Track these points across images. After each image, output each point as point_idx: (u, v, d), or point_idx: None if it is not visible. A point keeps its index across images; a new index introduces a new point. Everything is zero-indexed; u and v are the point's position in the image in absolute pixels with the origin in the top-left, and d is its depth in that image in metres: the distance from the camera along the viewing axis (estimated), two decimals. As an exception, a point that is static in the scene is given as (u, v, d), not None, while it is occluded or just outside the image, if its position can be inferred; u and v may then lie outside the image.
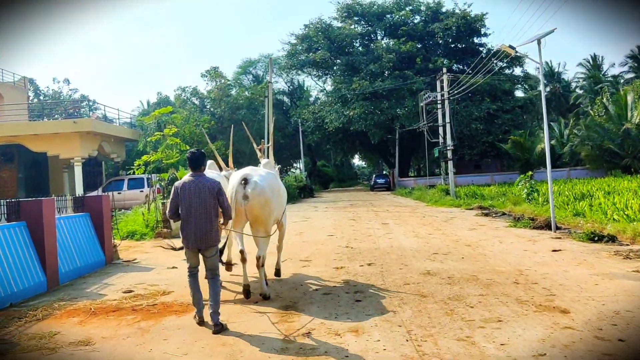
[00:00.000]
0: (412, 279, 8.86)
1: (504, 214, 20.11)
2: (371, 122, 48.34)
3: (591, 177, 41.48)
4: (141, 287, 9.22)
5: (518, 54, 14.67)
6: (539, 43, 14.56)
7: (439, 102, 33.82)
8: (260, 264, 7.83)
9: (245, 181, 7.60)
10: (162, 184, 18.19)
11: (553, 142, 52.86)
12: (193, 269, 6.67)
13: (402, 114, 47.99)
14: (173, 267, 11.01)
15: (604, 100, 49.59)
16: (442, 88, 33.58)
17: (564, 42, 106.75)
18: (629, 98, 45.86)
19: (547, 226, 14.97)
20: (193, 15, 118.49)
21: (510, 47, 14.34)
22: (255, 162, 11.63)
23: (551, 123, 62.55)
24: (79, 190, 25.63)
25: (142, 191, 23.94)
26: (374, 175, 58.96)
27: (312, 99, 63.80)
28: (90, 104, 35.57)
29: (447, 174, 35.49)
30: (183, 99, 41.77)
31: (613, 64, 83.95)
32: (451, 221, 18.36)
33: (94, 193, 26.08)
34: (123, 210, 20.62)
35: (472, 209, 23.58)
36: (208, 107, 43.48)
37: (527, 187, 24.33)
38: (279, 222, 8.95)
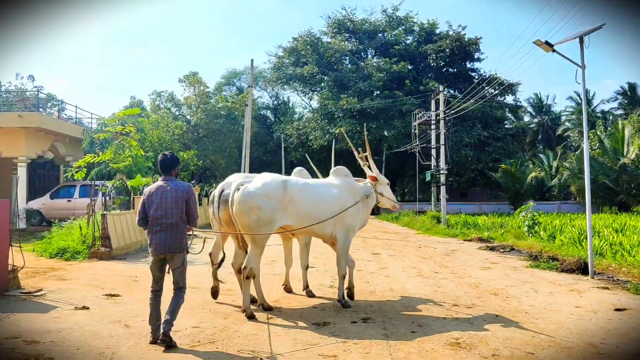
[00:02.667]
0: (437, 357, 5.55)
1: (512, 249, 16.91)
2: (358, 141, 45.16)
3: (583, 212, 38.62)
4: (12, 343, 5.77)
5: (556, 52, 11.48)
6: (581, 41, 11.49)
7: (433, 122, 30.78)
8: (244, 275, 7.39)
9: (238, 187, 7.45)
10: (105, 190, 14.71)
11: (542, 174, 50.39)
12: (156, 288, 6.19)
13: (390, 135, 44.94)
14: (83, 308, 7.54)
15: (599, 133, 47.29)
16: (437, 107, 30.58)
17: (554, 75, 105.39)
18: (626, 132, 43.48)
19: (578, 269, 11.78)
20: (178, 24, 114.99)
21: (547, 43, 11.34)
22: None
23: (540, 155, 60.40)
24: (22, 195, 21.94)
25: (95, 200, 20.05)
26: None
27: (296, 116, 60.68)
28: (57, 103, 31.79)
29: (438, 200, 32.37)
30: (157, 104, 38.23)
31: (603, 100, 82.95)
32: (454, 255, 15.10)
33: (38, 200, 22.44)
34: (67, 220, 16.95)
35: (470, 240, 20.41)
36: (184, 114, 39.97)
37: (529, 220, 21.38)
38: (332, 236, 8.04)
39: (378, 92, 47.33)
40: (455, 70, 51.26)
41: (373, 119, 45.58)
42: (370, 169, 8.79)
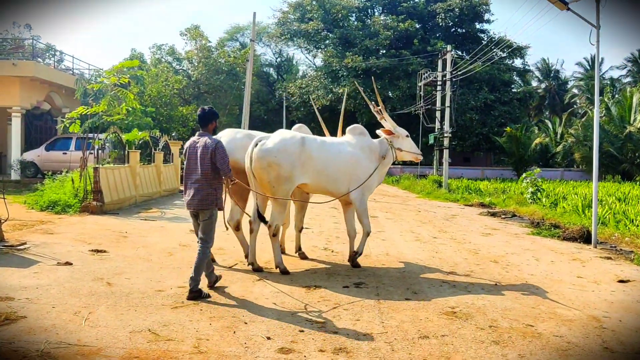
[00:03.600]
0: (431, 326, 5.26)
1: (514, 215, 16.62)
2: (361, 101, 44.53)
3: (587, 180, 38.26)
4: (-16, 300, 5.50)
5: (570, 10, 10.94)
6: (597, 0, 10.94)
7: (439, 83, 30.12)
8: (271, 233, 7.42)
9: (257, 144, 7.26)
10: (99, 143, 14.33)
11: (547, 140, 49.83)
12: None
13: (395, 96, 44.18)
14: (66, 264, 7.27)
15: (606, 100, 46.51)
16: (444, 68, 29.89)
17: (564, 40, 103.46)
18: (635, 100, 42.69)
19: (581, 238, 11.49)
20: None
21: (561, 0, 10.77)
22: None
23: (545, 121, 59.66)
24: (17, 146, 21.59)
25: (91, 153, 19.72)
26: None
27: (300, 74, 59.72)
28: (56, 53, 31.10)
29: (440, 164, 31.97)
30: (157, 57, 37.40)
31: (612, 66, 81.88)
32: (454, 220, 14.82)
33: (34, 152, 22.10)
34: (61, 172, 16.62)
35: (471, 205, 20.12)
36: (185, 69, 39.18)
37: (532, 186, 21.05)
38: (347, 196, 7.84)
39: (384, 51, 46.39)
40: (463, 30, 50.09)
41: (378, 79, 44.71)
42: (385, 122, 8.55)
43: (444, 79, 29.21)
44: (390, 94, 45.12)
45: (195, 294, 5.87)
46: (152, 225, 11.32)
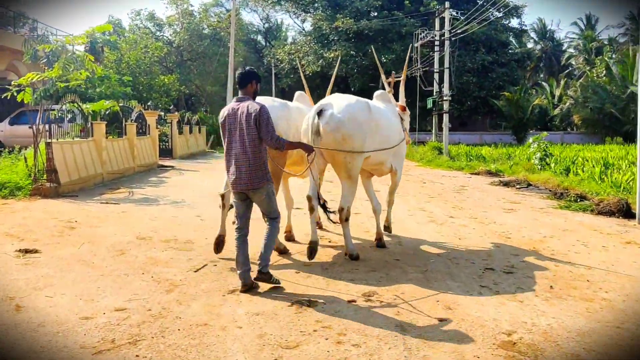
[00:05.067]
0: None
1: (529, 184, 14.78)
2: (353, 66, 42.36)
3: (588, 143, 36.43)
4: None
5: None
6: None
7: (437, 42, 27.96)
8: (343, 217, 6.17)
9: (320, 113, 5.99)
10: (56, 114, 12.29)
11: (545, 102, 47.96)
12: (240, 225, 5.21)
13: (388, 59, 41.89)
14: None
15: (607, 59, 44.52)
16: (441, 27, 27.72)
17: (559, 1, 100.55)
18: (637, 59, 40.65)
19: (619, 212, 9.67)
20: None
21: None
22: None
23: (542, 83, 57.65)
24: (-24, 120, 19.45)
25: (61, 126, 17.53)
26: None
27: (289, 40, 57.15)
28: (28, 21, 28.67)
29: (440, 129, 30.00)
30: (136, 23, 34.87)
31: (608, 25, 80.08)
32: (466, 193, 12.94)
33: (-1, 126, 19.95)
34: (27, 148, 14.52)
35: (478, 174, 18.32)
36: (166, 35, 36.68)
37: (540, 151, 19.26)
38: (391, 169, 7.18)
39: (376, 13, 43.98)
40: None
41: (370, 42, 42.41)
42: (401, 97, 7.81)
43: (442, 38, 27.07)
44: (383, 58, 42.87)
45: (264, 277, 5.05)
46: (111, 210, 9.36)
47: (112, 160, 14.15)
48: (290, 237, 7.26)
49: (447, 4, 27.06)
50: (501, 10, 42.99)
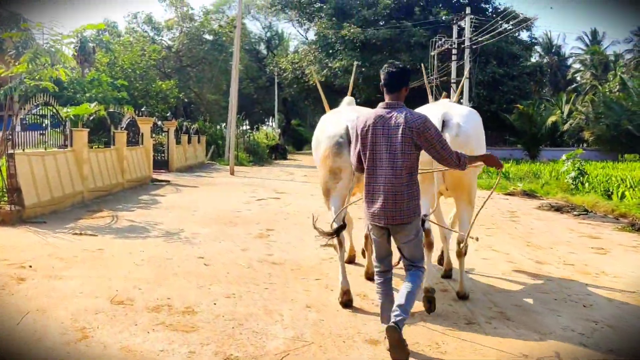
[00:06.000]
0: None
1: (586, 210, 12.47)
2: (359, 76, 40.04)
3: (604, 160, 34.26)
4: None
5: None
6: None
7: (454, 49, 25.75)
8: (462, 251, 5.18)
9: (443, 123, 5.06)
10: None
11: (554, 118, 45.94)
12: (382, 269, 4.10)
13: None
14: None
15: (620, 74, 42.67)
16: (459, 35, 25.54)
17: (564, 15, 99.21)
18: (655, 73, 38.74)
19: None
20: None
21: None
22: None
23: (549, 99, 55.68)
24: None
25: (42, 134, 15.02)
26: (354, 139, 49.72)
27: (291, 50, 55.03)
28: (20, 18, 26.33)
29: (456, 143, 27.67)
30: (132, 27, 32.46)
31: (614, 41, 79.20)
32: (521, 221, 10.58)
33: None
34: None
35: (513, 194, 16.16)
36: (165, 40, 34.29)
37: (575, 170, 17.15)
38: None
39: (383, 22, 41.85)
40: (467, 0, 45.65)
41: (377, 52, 40.39)
42: None
43: (462, 46, 24.85)
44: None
45: (397, 332, 3.65)
46: (84, 246, 6.93)
47: (96, 174, 11.74)
48: (352, 259, 6.44)
49: (468, 10, 24.85)
50: (510, 22, 41.15)
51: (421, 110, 5.30)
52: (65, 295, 4.86)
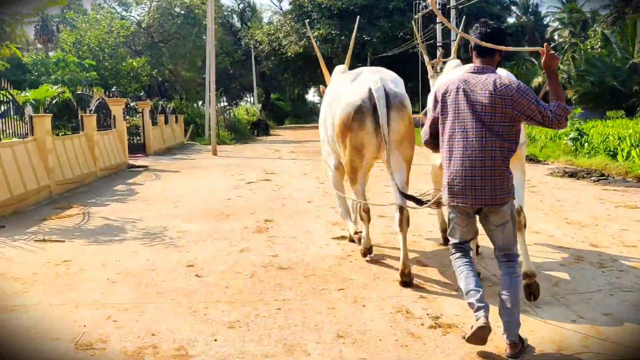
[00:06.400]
0: None
1: (602, 175, 11.48)
2: (338, 45, 38.64)
3: (592, 119, 33.48)
4: None
5: None
6: None
7: (439, 10, 24.37)
8: (523, 222, 4.31)
9: None
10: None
11: (540, 79, 45.11)
12: (462, 244, 3.49)
13: (375, 37, 38.32)
14: None
15: (604, 30, 41.83)
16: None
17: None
18: (638, 28, 38.07)
19: None
20: None
21: None
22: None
23: (531, 59, 54.72)
24: None
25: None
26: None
27: (265, 22, 53.13)
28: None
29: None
30: (98, 3, 30.40)
31: None
32: (543, 192, 9.50)
33: None
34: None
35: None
36: (134, 17, 32.32)
37: (574, 130, 16.28)
38: None
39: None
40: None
41: (355, 20, 38.90)
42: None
43: (448, 7, 23.56)
44: (366, 38, 39.28)
45: (519, 350, 3.16)
46: (49, 257, 5.64)
47: (64, 165, 10.36)
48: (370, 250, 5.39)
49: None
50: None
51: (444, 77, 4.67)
52: (11, 339, 3.62)
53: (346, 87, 4.90)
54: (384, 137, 4.54)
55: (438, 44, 25.40)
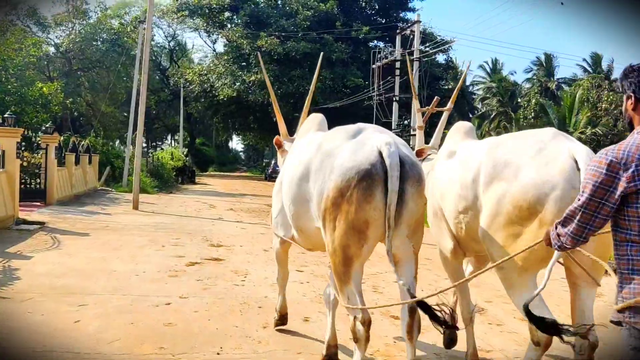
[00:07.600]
0: None
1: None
2: (276, 92, 35.66)
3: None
4: None
5: None
6: None
7: (397, 62, 22.18)
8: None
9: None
10: None
11: (473, 143, 44.42)
12: None
13: (317, 87, 35.81)
14: None
15: (541, 100, 41.82)
16: (403, 45, 22.00)
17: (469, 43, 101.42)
18: (576, 100, 38.04)
19: None
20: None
21: None
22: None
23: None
24: None
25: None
26: (273, 162, 43.84)
27: (195, 63, 49.66)
28: None
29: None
30: (10, 19, 25.85)
31: (512, 71, 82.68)
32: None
33: None
34: None
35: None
36: (51, 37, 27.79)
37: None
38: None
39: (304, 34, 38.10)
40: (386, 20, 43.01)
41: (296, 66, 36.52)
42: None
43: (411, 57, 21.26)
44: (307, 86, 36.81)
45: None
46: None
47: None
48: None
49: (417, 15, 21.43)
50: (429, 44, 38.90)
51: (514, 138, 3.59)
52: None
53: (342, 145, 3.64)
54: (388, 219, 3.32)
55: (395, 98, 22.97)
